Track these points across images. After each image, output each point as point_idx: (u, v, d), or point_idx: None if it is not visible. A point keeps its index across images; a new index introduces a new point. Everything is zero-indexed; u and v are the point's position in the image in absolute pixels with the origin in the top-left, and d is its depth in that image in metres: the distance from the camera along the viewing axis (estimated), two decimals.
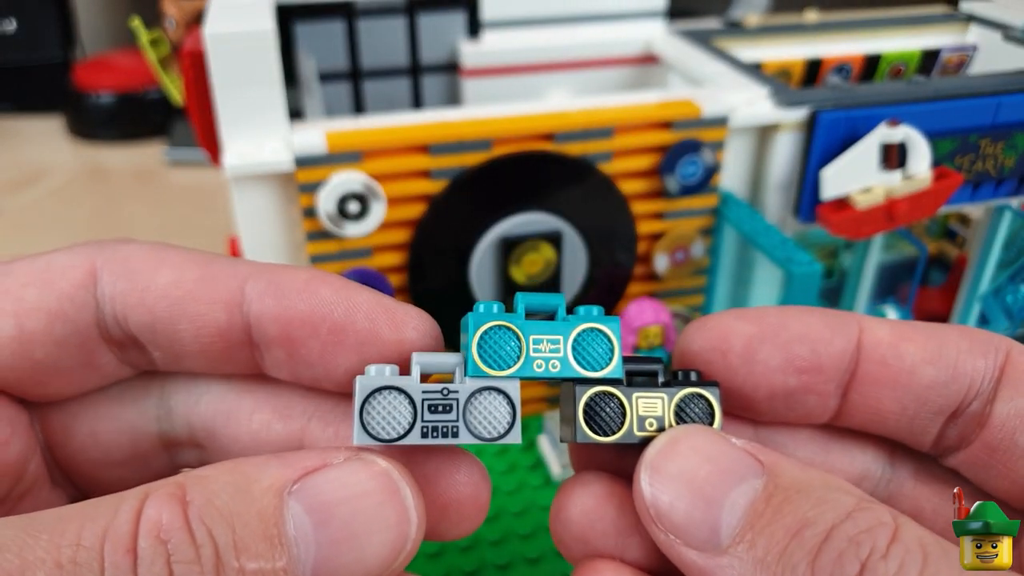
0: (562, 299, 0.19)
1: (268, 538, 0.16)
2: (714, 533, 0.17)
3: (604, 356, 0.19)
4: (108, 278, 0.20)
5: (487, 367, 0.18)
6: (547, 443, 0.42)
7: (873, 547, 0.15)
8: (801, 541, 0.16)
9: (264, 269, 0.20)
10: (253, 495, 0.16)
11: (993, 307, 0.45)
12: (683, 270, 0.43)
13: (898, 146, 0.39)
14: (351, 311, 0.19)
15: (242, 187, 0.36)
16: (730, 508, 0.17)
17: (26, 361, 0.19)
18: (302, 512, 0.16)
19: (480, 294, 0.40)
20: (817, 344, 0.20)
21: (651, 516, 0.18)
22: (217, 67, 0.34)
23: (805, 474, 0.17)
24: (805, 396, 0.20)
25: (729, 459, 0.17)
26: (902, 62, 0.50)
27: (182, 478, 0.16)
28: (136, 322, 0.20)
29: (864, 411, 0.20)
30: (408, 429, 0.18)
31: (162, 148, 0.81)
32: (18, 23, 0.86)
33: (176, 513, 0.15)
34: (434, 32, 0.50)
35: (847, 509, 0.16)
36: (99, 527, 0.15)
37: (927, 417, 0.20)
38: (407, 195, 0.37)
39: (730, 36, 0.50)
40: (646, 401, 0.19)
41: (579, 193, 0.39)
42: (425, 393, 0.18)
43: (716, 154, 0.40)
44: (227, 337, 0.20)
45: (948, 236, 0.56)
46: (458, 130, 0.36)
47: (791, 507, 0.16)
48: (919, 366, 0.19)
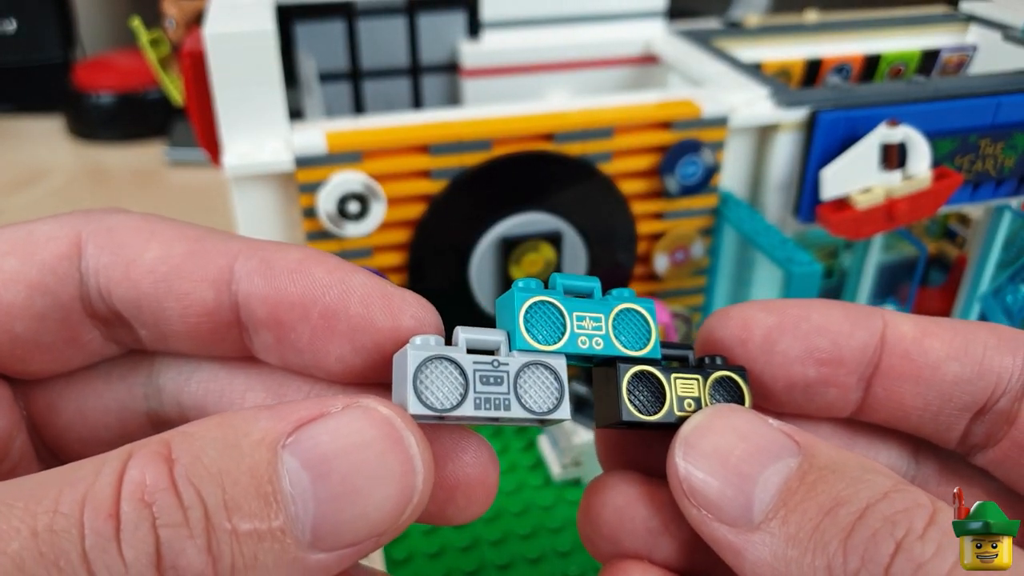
0: (598, 281, 0.19)
1: (262, 496, 0.14)
2: (747, 509, 0.17)
3: (643, 336, 0.19)
4: (93, 250, 0.19)
5: (534, 341, 0.18)
6: (547, 443, 0.42)
7: (910, 527, 0.15)
8: (835, 519, 0.16)
9: (256, 246, 0.19)
10: (243, 450, 0.15)
11: (993, 307, 0.45)
12: (683, 270, 0.43)
13: (898, 146, 0.39)
14: (345, 295, 0.18)
15: (242, 187, 0.36)
16: (764, 485, 0.17)
17: (4, 335, 0.18)
18: (298, 466, 0.15)
19: (480, 294, 0.40)
20: (838, 337, 0.19)
21: (684, 491, 0.17)
22: (217, 67, 0.35)
23: (841, 456, 0.17)
24: (825, 388, 0.20)
25: (765, 438, 0.17)
26: (902, 62, 0.50)
27: (167, 435, 0.15)
28: (120, 298, 0.19)
29: (887, 406, 0.20)
30: (460, 400, 0.17)
31: (162, 148, 0.81)
32: (18, 23, 0.86)
33: (161, 472, 0.14)
34: (434, 32, 0.50)
35: (883, 489, 0.16)
36: (79, 491, 0.14)
37: (952, 414, 0.19)
38: (407, 195, 0.37)
39: (730, 36, 0.50)
40: (684, 382, 0.19)
41: (579, 193, 0.39)
42: (476, 364, 0.17)
43: (716, 154, 0.40)
44: (214, 317, 0.19)
45: (948, 236, 0.56)
46: (458, 130, 0.36)
47: (826, 486, 0.16)
48: (943, 362, 0.19)
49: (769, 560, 0.16)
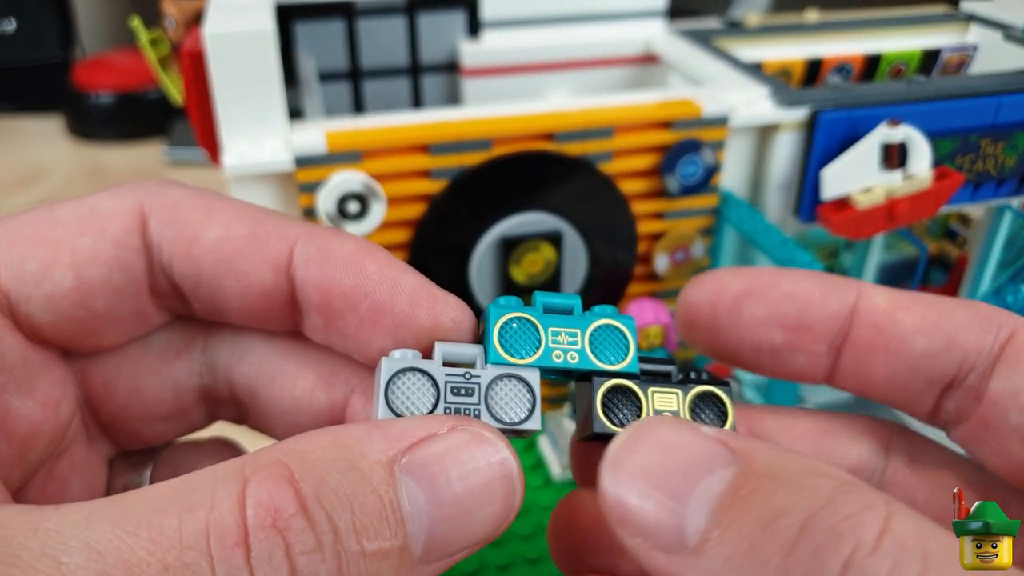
0: (578, 299, 0.20)
1: (384, 517, 0.15)
2: (680, 532, 0.15)
3: (620, 351, 0.19)
4: (156, 225, 0.19)
5: (507, 355, 0.19)
6: (547, 444, 0.42)
7: (859, 541, 0.13)
8: (773, 534, 0.14)
9: (315, 234, 0.19)
10: (364, 472, 0.15)
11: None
12: (683, 270, 0.43)
13: (898, 146, 0.39)
14: (394, 292, 0.19)
15: (242, 187, 0.36)
16: (696, 503, 0.15)
17: (85, 311, 0.19)
18: (416, 488, 0.16)
19: (480, 294, 0.40)
20: (807, 304, 0.20)
21: (616, 519, 0.16)
22: (217, 67, 0.34)
23: (781, 459, 0.15)
24: (793, 354, 0.20)
25: (695, 449, 0.16)
26: (902, 62, 0.50)
27: (279, 454, 0.15)
28: (181, 273, 0.19)
29: (856, 375, 0.20)
30: (431, 409, 0.18)
31: (162, 148, 0.81)
32: (18, 23, 0.86)
33: (288, 496, 0.14)
34: (434, 32, 0.50)
35: (827, 494, 0.14)
36: (199, 518, 0.14)
37: (920, 387, 0.20)
38: (407, 195, 0.37)
39: (730, 36, 0.50)
40: (661, 396, 0.19)
41: (579, 193, 0.39)
42: (448, 376, 0.18)
43: (716, 154, 0.40)
44: (271, 297, 0.19)
45: (948, 236, 0.56)
46: (458, 130, 0.36)
47: (762, 496, 0.15)
48: (913, 334, 0.19)
49: None
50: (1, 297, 0.18)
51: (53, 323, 0.19)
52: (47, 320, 0.18)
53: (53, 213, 0.19)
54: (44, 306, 0.18)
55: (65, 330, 0.19)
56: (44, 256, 0.18)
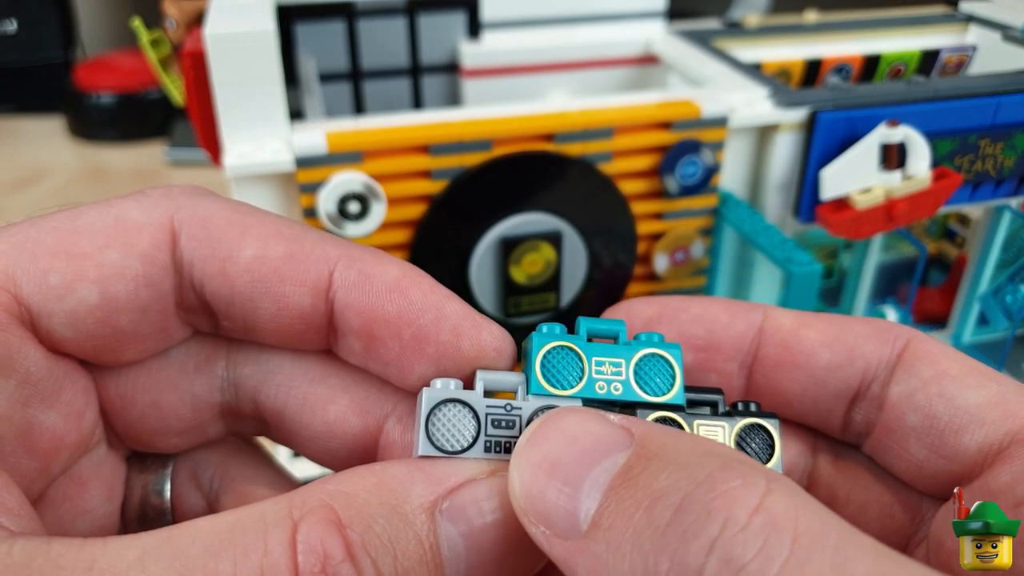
0: (623, 325, 0.19)
1: (425, 563, 0.15)
2: (573, 517, 0.15)
3: (666, 382, 0.19)
4: (187, 241, 0.18)
5: (550, 386, 0.18)
6: None
7: (728, 517, 0.13)
8: (651, 515, 0.14)
9: (355, 256, 0.19)
10: (407, 517, 0.16)
11: (992, 307, 0.46)
12: (683, 270, 0.43)
13: (898, 146, 0.39)
14: (438, 321, 0.18)
15: (243, 187, 0.36)
16: (589, 488, 0.15)
17: (109, 329, 0.18)
18: (456, 535, 0.16)
19: (480, 294, 0.40)
20: (714, 325, 0.21)
21: (520, 508, 0.16)
22: (217, 67, 0.35)
23: (674, 440, 0.15)
24: (705, 373, 0.21)
25: (595, 436, 0.16)
26: (902, 62, 0.50)
27: (324, 496, 0.15)
28: (213, 293, 0.19)
29: (768, 391, 0.21)
30: (471, 442, 0.18)
31: (162, 148, 0.81)
32: (18, 23, 0.86)
33: (336, 542, 0.14)
34: (434, 32, 0.50)
35: (708, 471, 0.14)
36: (253, 564, 0.14)
37: (828, 400, 0.20)
38: (407, 195, 0.37)
39: (730, 36, 0.50)
40: (707, 429, 0.19)
41: (579, 193, 0.39)
42: (489, 408, 0.18)
43: (716, 154, 0.40)
44: (308, 320, 0.19)
45: (948, 236, 0.56)
46: (458, 130, 0.37)
47: (647, 477, 0.14)
48: (816, 348, 0.20)
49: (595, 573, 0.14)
50: (24, 311, 0.17)
51: (75, 339, 0.18)
52: (69, 336, 0.18)
53: (76, 222, 0.18)
54: (66, 322, 0.18)
55: (86, 346, 0.18)
56: (68, 270, 0.17)
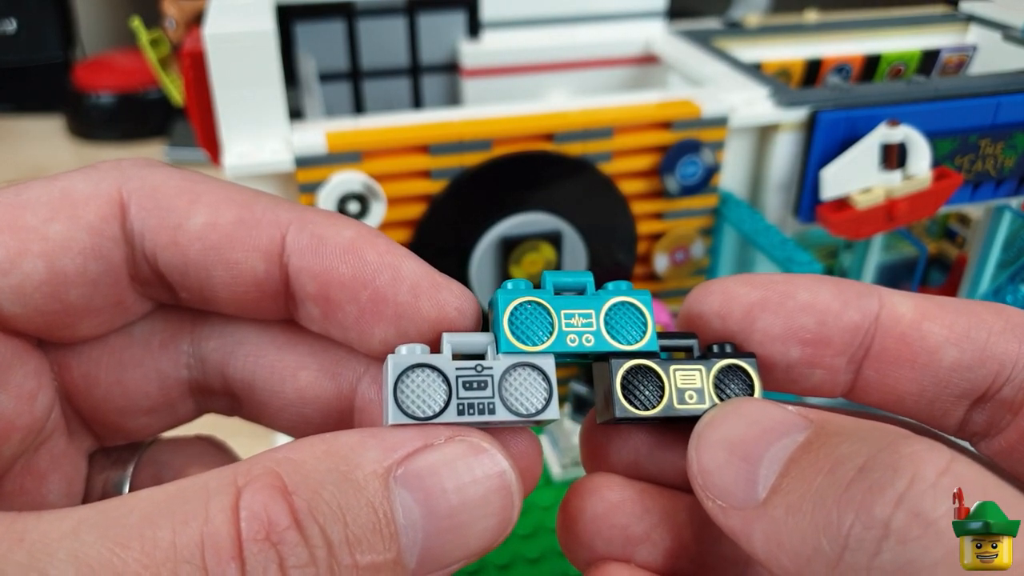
0: (591, 276, 0.19)
1: (378, 530, 0.15)
2: (751, 488, 0.16)
3: (638, 329, 0.18)
4: (137, 211, 0.18)
5: (520, 343, 0.18)
6: (547, 443, 0.42)
7: (915, 474, 0.13)
8: (833, 476, 0.14)
9: (308, 219, 0.18)
10: (358, 483, 0.15)
11: None
12: (683, 270, 0.43)
13: (898, 146, 0.39)
14: (395, 281, 0.18)
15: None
16: (769, 462, 0.16)
17: (58, 303, 0.18)
18: (411, 501, 0.15)
19: (480, 294, 0.40)
20: (826, 316, 0.18)
21: (699, 485, 0.17)
22: (217, 67, 0.35)
23: (855, 421, 0.16)
24: (810, 369, 0.19)
25: (774, 419, 0.16)
26: (902, 62, 0.50)
27: (270, 463, 0.15)
28: (166, 263, 0.18)
29: (879, 389, 0.19)
30: (443, 407, 0.17)
31: (162, 148, 0.81)
32: (18, 23, 0.86)
33: (282, 508, 0.14)
34: (434, 32, 0.50)
35: (889, 440, 0.14)
36: (194, 531, 0.13)
37: (949, 400, 0.18)
38: (407, 195, 0.37)
39: (730, 36, 0.50)
40: (684, 373, 0.18)
41: (579, 193, 0.39)
42: (459, 370, 0.17)
43: (716, 154, 0.40)
44: (263, 287, 0.18)
45: (948, 236, 0.56)
46: (458, 130, 0.36)
47: (828, 449, 0.15)
48: (942, 346, 0.18)
49: (773, 535, 0.15)
50: None
51: (24, 315, 0.18)
52: (17, 312, 0.17)
53: (21, 196, 0.17)
54: (13, 298, 0.17)
55: (37, 322, 0.18)
56: (12, 244, 0.17)
